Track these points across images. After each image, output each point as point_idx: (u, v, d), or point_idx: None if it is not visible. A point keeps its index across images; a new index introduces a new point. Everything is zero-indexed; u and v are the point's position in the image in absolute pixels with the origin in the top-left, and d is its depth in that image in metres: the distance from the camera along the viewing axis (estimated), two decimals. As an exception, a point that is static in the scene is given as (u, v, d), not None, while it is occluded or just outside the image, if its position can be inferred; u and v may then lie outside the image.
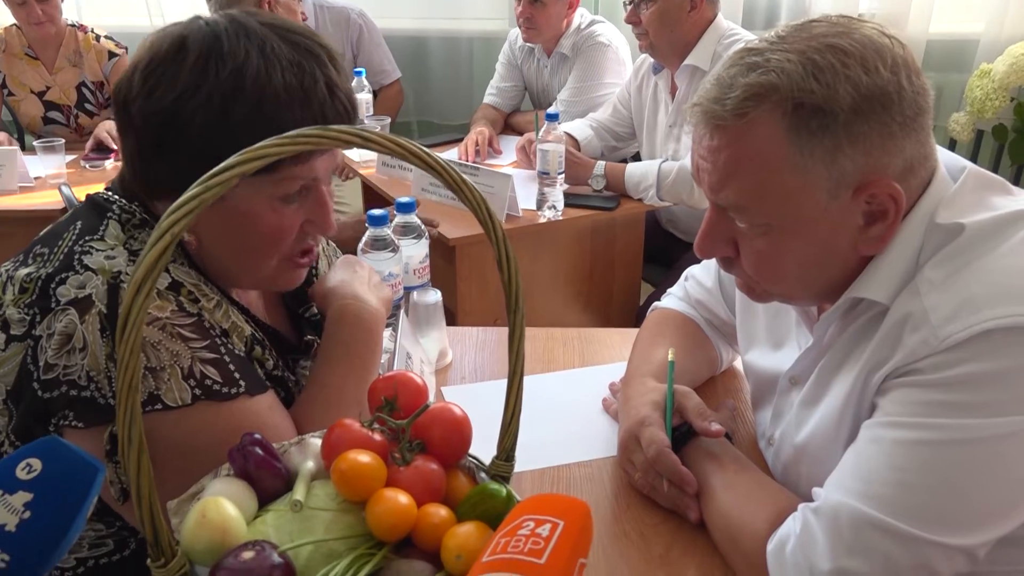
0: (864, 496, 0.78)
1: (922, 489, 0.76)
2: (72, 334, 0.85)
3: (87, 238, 0.91)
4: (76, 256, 0.89)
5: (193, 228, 0.94)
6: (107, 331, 0.85)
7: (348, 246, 1.32)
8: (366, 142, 0.63)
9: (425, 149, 0.65)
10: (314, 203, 0.94)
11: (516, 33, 3.07)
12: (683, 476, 0.98)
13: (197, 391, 0.87)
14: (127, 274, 0.87)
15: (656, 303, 1.34)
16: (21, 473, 0.61)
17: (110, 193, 0.98)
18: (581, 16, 2.93)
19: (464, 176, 0.66)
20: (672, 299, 1.31)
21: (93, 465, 0.63)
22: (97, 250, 0.90)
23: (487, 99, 3.19)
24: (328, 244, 1.30)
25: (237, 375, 0.91)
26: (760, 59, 0.80)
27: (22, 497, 0.61)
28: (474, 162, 2.62)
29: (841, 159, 0.79)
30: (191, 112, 0.86)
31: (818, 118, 0.78)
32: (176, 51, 0.87)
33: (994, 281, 0.77)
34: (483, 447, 0.79)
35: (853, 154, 0.79)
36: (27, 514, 0.60)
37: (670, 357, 1.07)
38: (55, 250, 0.91)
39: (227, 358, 0.91)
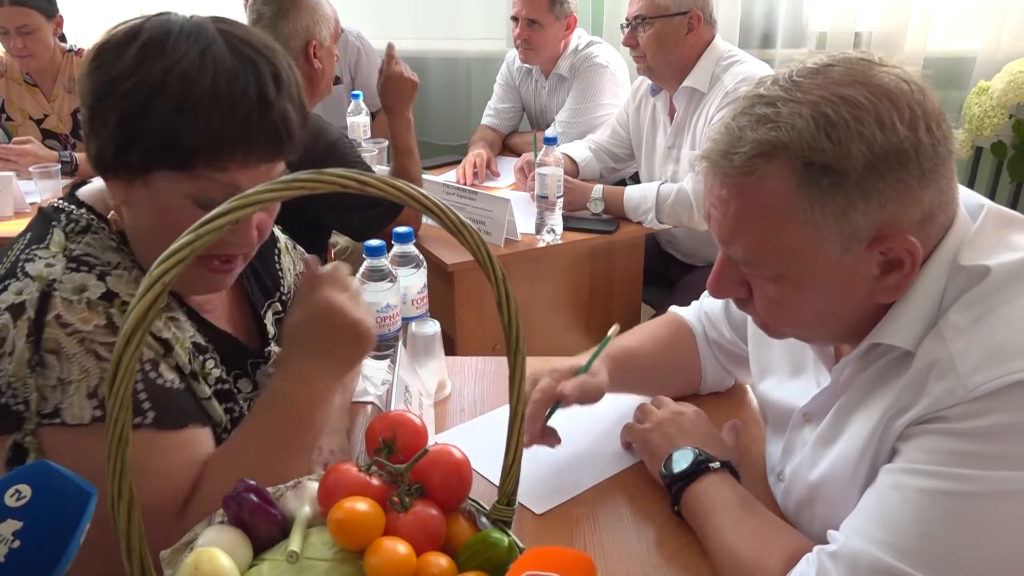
0: (885, 545, 0.76)
1: (945, 541, 0.74)
2: (5, 338, 0.86)
3: (34, 246, 0.93)
4: (20, 264, 0.91)
5: (118, 206, 0.97)
6: (31, 336, 0.86)
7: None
8: (363, 186, 0.61)
9: (423, 192, 0.63)
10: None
11: (514, 54, 3.07)
12: (530, 432, 1.09)
13: (97, 412, 0.86)
14: (61, 282, 0.89)
15: (673, 307, 1.35)
16: (10, 500, 0.59)
17: (60, 201, 1.00)
18: (579, 37, 2.94)
19: (463, 218, 0.64)
20: (690, 308, 1.32)
21: (86, 490, 0.61)
22: (40, 257, 0.92)
23: (485, 120, 3.19)
24: (295, 247, 1.29)
25: (147, 405, 0.90)
26: (771, 111, 0.77)
27: (11, 526, 0.58)
28: (472, 184, 2.61)
29: (854, 215, 0.77)
30: (118, 96, 0.87)
31: (829, 176, 0.76)
32: (130, 38, 0.90)
33: (1022, 330, 0.75)
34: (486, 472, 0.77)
35: (867, 210, 0.77)
36: (16, 543, 0.58)
37: (610, 333, 1.09)
38: (4, 260, 0.94)
39: (140, 385, 0.90)
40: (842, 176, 0.75)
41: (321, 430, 1.01)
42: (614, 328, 1.09)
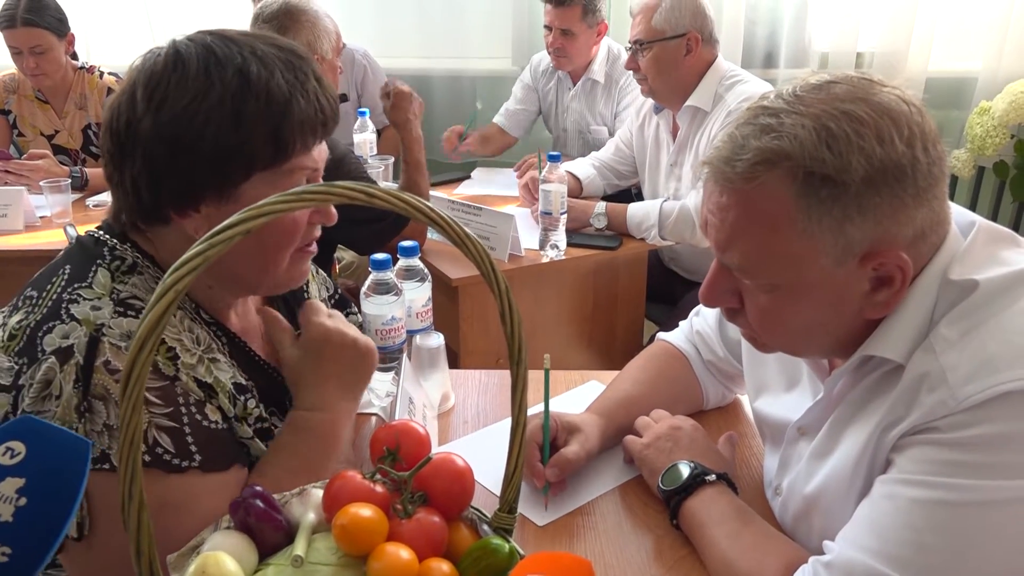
0: (879, 554, 0.77)
1: (938, 550, 0.75)
2: (51, 381, 0.85)
3: (76, 285, 0.91)
4: (64, 304, 0.89)
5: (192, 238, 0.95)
6: (79, 383, 0.85)
7: None
8: (371, 198, 0.63)
9: (429, 205, 0.65)
10: None
11: (539, 58, 3.16)
12: (532, 469, 1.10)
13: (146, 457, 0.86)
14: (110, 327, 0.88)
15: (659, 334, 1.36)
16: (3, 459, 0.59)
17: (102, 233, 0.98)
18: (609, 43, 3.03)
19: (467, 230, 0.66)
20: (677, 332, 1.33)
21: (81, 439, 0.61)
22: (84, 299, 0.90)
23: (496, 119, 3.29)
24: (319, 272, 1.31)
25: (193, 448, 0.89)
26: (774, 121, 0.79)
27: (12, 484, 0.58)
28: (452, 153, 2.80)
29: (849, 228, 0.78)
30: (205, 115, 0.88)
31: (828, 187, 0.77)
32: (175, 64, 0.89)
33: (1011, 341, 0.76)
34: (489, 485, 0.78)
35: (862, 224, 0.78)
36: (23, 501, 0.58)
37: (545, 365, 1.10)
38: (44, 295, 0.92)
39: (188, 428, 0.89)
40: (841, 188, 0.77)
41: (344, 446, 1.04)
42: (546, 359, 1.08)
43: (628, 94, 2.94)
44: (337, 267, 2.58)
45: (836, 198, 0.77)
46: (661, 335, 1.35)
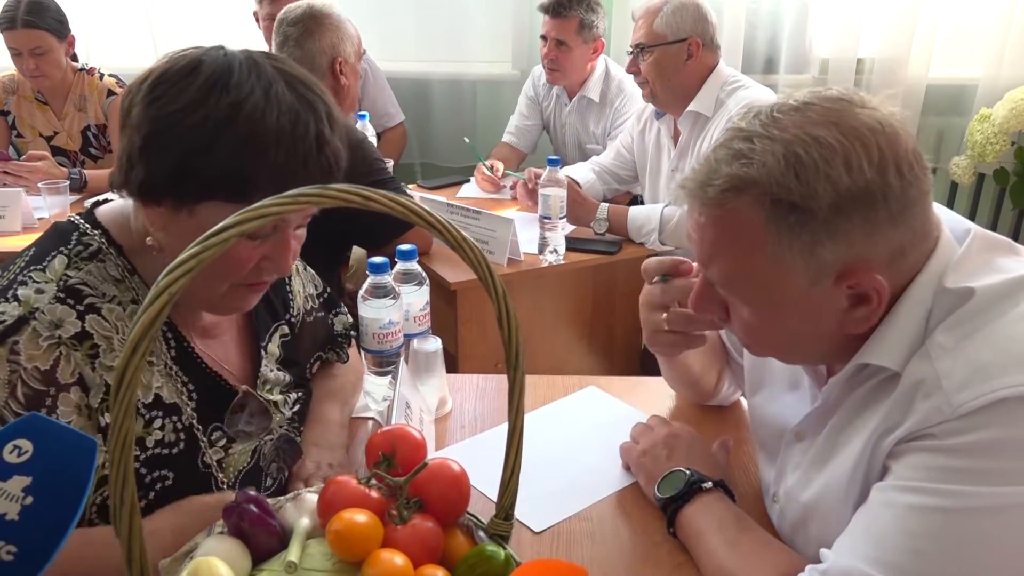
0: (876, 562, 0.76)
1: (934, 557, 0.75)
2: None
3: (32, 268, 0.94)
4: (15, 285, 0.92)
5: (158, 234, 0.95)
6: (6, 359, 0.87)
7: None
8: (367, 201, 0.63)
9: (426, 209, 0.65)
10: (277, 243, 0.95)
11: (540, 70, 3.14)
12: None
13: None
14: (43, 312, 0.90)
15: None
16: (10, 457, 0.58)
17: (77, 217, 1.00)
18: (606, 63, 3.02)
19: (465, 234, 0.66)
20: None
21: (87, 437, 0.61)
22: (34, 281, 0.92)
23: (506, 137, 3.26)
24: (306, 269, 1.30)
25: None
26: (746, 147, 0.80)
27: (19, 482, 0.58)
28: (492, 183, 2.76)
29: (820, 251, 0.79)
30: (184, 128, 0.88)
31: (796, 214, 0.78)
32: (189, 71, 0.90)
33: (1006, 348, 0.76)
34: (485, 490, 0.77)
35: (834, 247, 0.79)
36: (29, 499, 0.58)
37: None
38: (4, 274, 0.95)
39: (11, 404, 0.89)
40: (807, 215, 0.78)
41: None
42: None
43: (622, 115, 2.92)
44: (347, 270, 2.56)
45: (804, 224, 0.78)
46: None
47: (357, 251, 2.89)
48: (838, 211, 0.77)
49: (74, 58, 2.99)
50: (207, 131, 0.88)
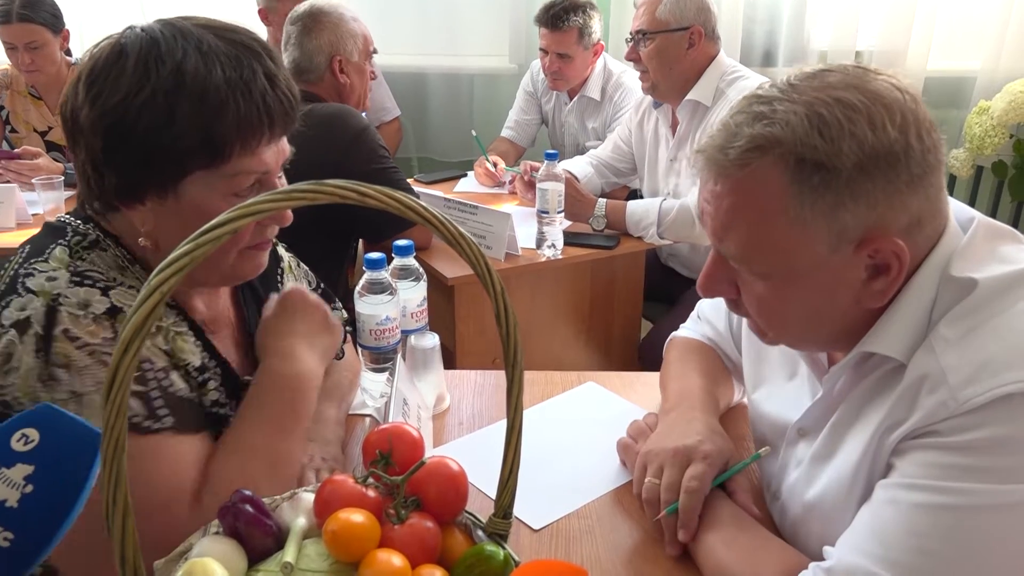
0: (881, 560, 0.76)
1: (941, 555, 0.74)
2: (12, 355, 0.86)
3: (32, 260, 0.92)
4: (20, 279, 0.90)
5: (149, 231, 0.95)
6: (41, 352, 0.86)
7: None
8: (363, 197, 0.62)
9: (423, 204, 0.64)
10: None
11: (538, 64, 3.13)
12: (691, 524, 0.97)
13: None
14: (66, 296, 0.89)
15: (674, 333, 1.34)
16: (17, 445, 0.58)
17: (68, 216, 0.99)
18: (604, 58, 3.02)
19: (461, 230, 0.65)
20: (692, 332, 1.32)
21: (95, 431, 0.60)
22: (40, 271, 0.91)
23: (505, 132, 3.26)
24: (299, 266, 1.29)
25: (163, 412, 0.91)
26: (767, 109, 0.79)
27: (22, 470, 0.58)
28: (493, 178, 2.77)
29: (843, 214, 0.78)
30: (136, 112, 0.87)
31: (820, 174, 0.77)
32: (116, 57, 0.89)
33: (1013, 343, 0.75)
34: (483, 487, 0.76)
35: (856, 210, 0.78)
36: (29, 488, 0.58)
37: (761, 451, 1.03)
38: (2, 274, 0.94)
39: (155, 392, 0.91)
40: (833, 174, 0.76)
41: (312, 410, 1.06)
42: (765, 449, 1.03)
43: (621, 108, 2.93)
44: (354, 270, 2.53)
45: (828, 184, 0.77)
46: (677, 334, 1.34)
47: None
48: (862, 171, 0.76)
49: (68, 53, 2.98)
50: (160, 105, 0.87)
